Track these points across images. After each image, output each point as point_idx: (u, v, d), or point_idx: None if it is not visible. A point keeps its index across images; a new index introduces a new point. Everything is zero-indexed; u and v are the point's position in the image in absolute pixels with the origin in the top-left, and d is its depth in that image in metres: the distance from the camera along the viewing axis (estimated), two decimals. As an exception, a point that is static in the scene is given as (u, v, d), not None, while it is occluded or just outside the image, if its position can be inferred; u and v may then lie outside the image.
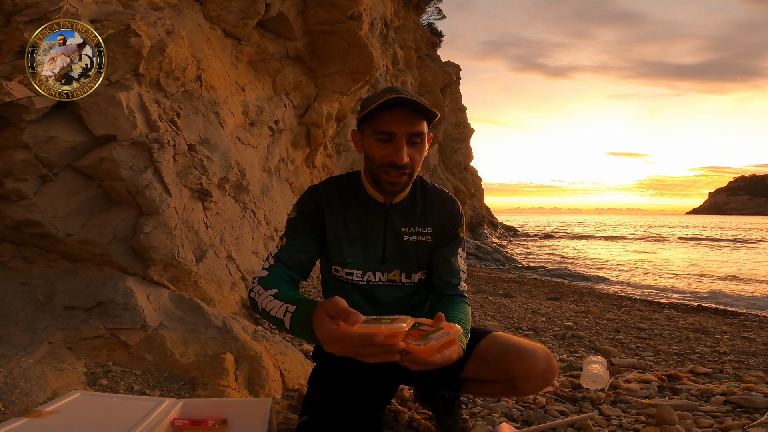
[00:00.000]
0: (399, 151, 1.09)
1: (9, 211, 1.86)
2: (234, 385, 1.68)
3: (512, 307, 4.99)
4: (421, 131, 1.11)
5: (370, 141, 1.13)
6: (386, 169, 1.11)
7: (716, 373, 2.37)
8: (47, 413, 1.14)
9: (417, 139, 1.11)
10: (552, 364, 1.17)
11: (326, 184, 1.26)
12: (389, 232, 1.24)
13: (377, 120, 1.10)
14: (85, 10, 1.88)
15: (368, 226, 1.24)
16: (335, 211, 1.23)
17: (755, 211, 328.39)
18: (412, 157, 1.12)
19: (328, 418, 1.14)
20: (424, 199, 1.27)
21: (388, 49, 9.30)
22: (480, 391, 1.33)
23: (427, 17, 16.55)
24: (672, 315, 5.44)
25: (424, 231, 1.26)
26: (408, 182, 1.16)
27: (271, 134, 3.81)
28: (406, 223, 1.25)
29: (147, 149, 2.06)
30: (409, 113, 1.09)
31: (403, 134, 1.09)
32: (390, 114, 1.09)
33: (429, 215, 1.26)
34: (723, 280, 11.31)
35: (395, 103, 1.08)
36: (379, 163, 1.12)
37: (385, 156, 1.11)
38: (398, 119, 1.09)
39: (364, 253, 1.24)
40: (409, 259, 1.25)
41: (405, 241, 1.24)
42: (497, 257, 14.80)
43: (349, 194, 1.25)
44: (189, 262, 2.16)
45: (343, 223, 1.23)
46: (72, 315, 1.79)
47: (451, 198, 1.30)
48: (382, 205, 1.24)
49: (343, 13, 3.76)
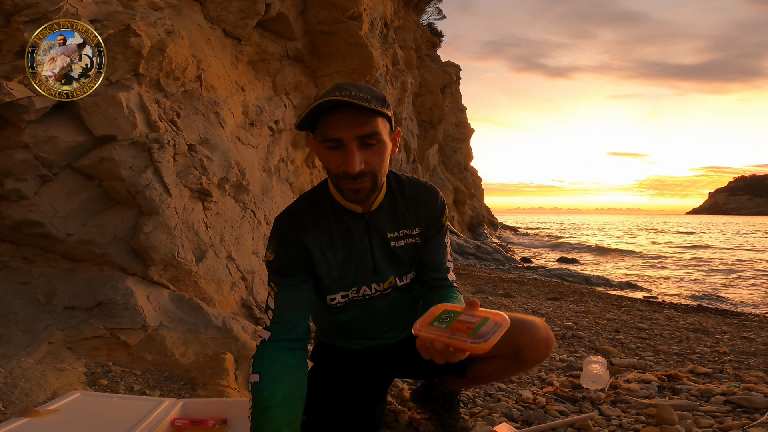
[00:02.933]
0: (349, 158, 0.96)
1: (9, 211, 1.86)
2: (234, 385, 1.68)
3: (512, 307, 4.99)
4: (373, 131, 0.97)
5: (321, 149, 1.01)
6: (343, 179, 1.00)
7: (716, 373, 2.37)
8: (47, 413, 1.14)
9: (371, 140, 0.98)
10: (549, 333, 1.23)
11: (295, 211, 1.14)
12: (375, 242, 1.15)
13: (322, 125, 0.99)
14: (85, 10, 1.88)
15: (352, 241, 1.14)
16: (316, 236, 1.11)
17: (755, 211, 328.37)
18: (369, 162, 0.99)
19: (326, 418, 1.14)
20: (404, 197, 1.17)
21: (388, 49, 9.29)
22: (485, 370, 1.31)
23: (427, 17, 16.56)
24: (672, 315, 5.44)
25: (412, 232, 1.17)
26: (373, 187, 1.03)
27: (271, 134, 3.81)
28: (390, 228, 1.16)
29: (147, 149, 2.06)
30: (354, 114, 0.95)
31: (351, 138, 0.96)
32: (333, 117, 0.96)
33: (413, 214, 1.17)
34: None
35: (335, 105, 0.94)
36: (334, 173, 1.01)
37: (338, 166, 0.99)
38: (343, 122, 0.95)
39: (354, 269, 1.16)
40: (401, 264, 1.19)
41: (392, 247, 1.16)
42: (497, 257, 14.80)
43: (325, 212, 1.13)
44: (189, 262, 2.16)
45: (329, 247, 1.12)
46: (72, 315, 1.79)
47: (429, 188, 1.20)
48: (361, 215, 1.13)
49: (343, 13, 3.76)
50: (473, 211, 20.53)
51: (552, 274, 11.54)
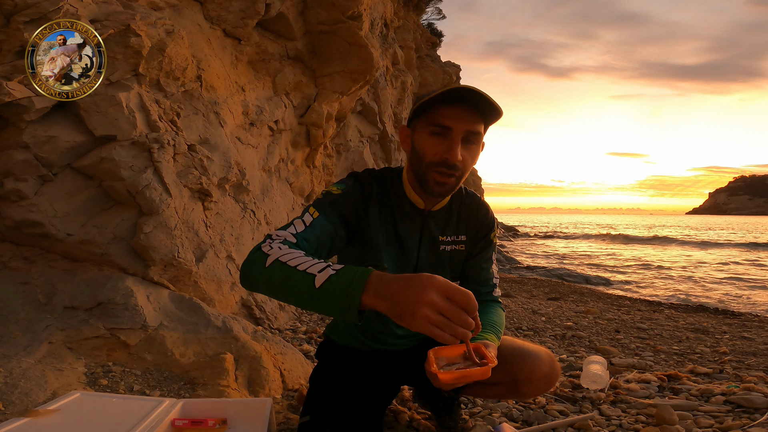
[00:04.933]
0: (454, 147, 0.99)
1: (9, 211, 1.86)
2: (234, 385, 1.68)
3: (512, 307, 4.99)
4: (479, 131, 1.02)
5: (422, 135, 1.03)
6: (437, 167, 1.01)
7: (716, 373, 2.37)
8: (47, 413, 1.14)
9: (473, 138, 1.02)
10: (555, 367, 1.18)
11: (372, 178, 1.15)
12: (425, 240, 1.17)
13: (434, 112, 1.01)
14: (85, 10, 1.88)
15: (405, 231, 1.16)
16: (378, 210, 1.13)
17: (755, 211, 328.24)
18: (464, 159, 1.02)
19: (331, 420, 1.12)
20: (459, 205, 1.20)
21: (388, 49, 9.29)
22: (482, 393, 1.33)
23: (427, 17, 16.56)
24: (672, 315, 5.44)
25: (459, 239, 1.20)
26: (455, 186, 1.06)
27: (271, 134, 3.81)
28: (443, 231, 1.18)
29: (147, 149, 2.06)
30: (470, 110, 0.99)
31: (461, 131, 0.99)
32: (450, 107, 0.99)
33: (464, 222, 1.20)
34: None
35: (458, 97, 0.98)
36: (429, 160, 1.02)
37: (437, 153, 1.01)
38: (458, 114, 0.99)
39: (399, 259, 1.16)
40: (443, 268, 1.20)
41: (441, 250, 1.18)
42: (497, 257, 14.79)
43: (391, 194, 1.15)
44: (189, 262, 2.16)
45: (383, 226, 1.14)
46: (72, 315, 1.79)
47: (484, 204, 1.24)
48: (420, 211, 1.15)
49: (343, 13, 3.76)
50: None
51: (552, 274, 11.54)
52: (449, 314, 0.70)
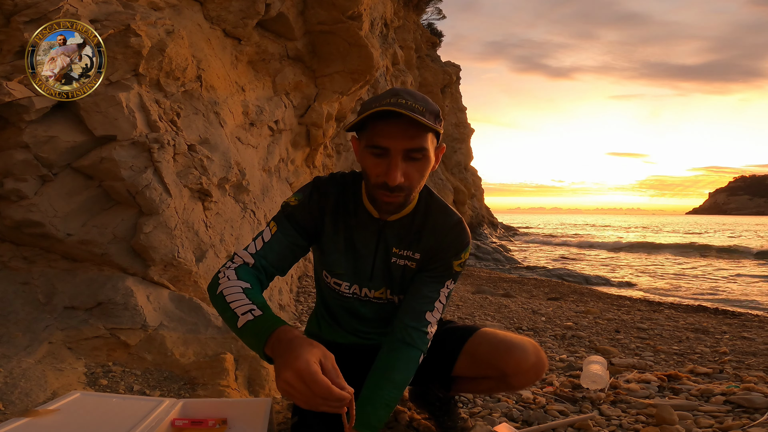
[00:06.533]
0: (392, 170, 0.95)
1: (9, 211, 1.86)
2: (234, 385, 1.68)
3: (512, 307, 5.00)
4: (422, 146, 0.95)
5: (364, 153, 1.00)
6: (380, 188, 0.99)
7: (716, 373, 2.37)
8: (47, 413, 1.14)
9: (417, 155, 0.96)
10: (541, 356, 1.18)
11: (332, 184, 1.14)
12: (380, 250, 1.15)
13: (371, 130, 0.97)
14: (85, 10, 1.88)
15: (360, 240, 1.15)
16: (335, 216, 1.13)
17: (755, 211, 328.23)
18: (409, 176, 0.97)
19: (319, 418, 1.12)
20: (424, 220, 1.13)
21: (388, 49, 9.30)
22: (472, 389, 1.33)
23: (427, 17, 16.57)
24: (672, 315, 5.44)
25: (412, 256, 1.14)
26: (404, 202, 1.04)
27: (271, 134, 3.81)
28: (397, 244, 1.14)
29: (147, 149, 2.06)
30: (407, 125, 0.93)
31: (399, 150, 0.94)
32: (385, 125, 0.94)
33: (422, 240, 1.13)
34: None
35: (392, 113, 0.91)
36: (373, 181, 1.00)
37: (378, 174, 0.97)
38: (394, 132, 0.93)
39: (354, 267, 1.17)
40: (392, 282, 1.18)
41: (392, 262, 1.15)
42: (497, 257, 14.80)
43: (350, 202, 1.14)
44: (189, 262, 2.16)
45: (340, 232, 1.14)
46: (72, 315, 1.79)
47: (456, 226, 1.12)
48: (376, 221, 1.13)
49: (343, 13, 3.75)
50: (473, 212, 20.52)
51: (552, 274, 11.55)
52: (300, 396, 0.76)
